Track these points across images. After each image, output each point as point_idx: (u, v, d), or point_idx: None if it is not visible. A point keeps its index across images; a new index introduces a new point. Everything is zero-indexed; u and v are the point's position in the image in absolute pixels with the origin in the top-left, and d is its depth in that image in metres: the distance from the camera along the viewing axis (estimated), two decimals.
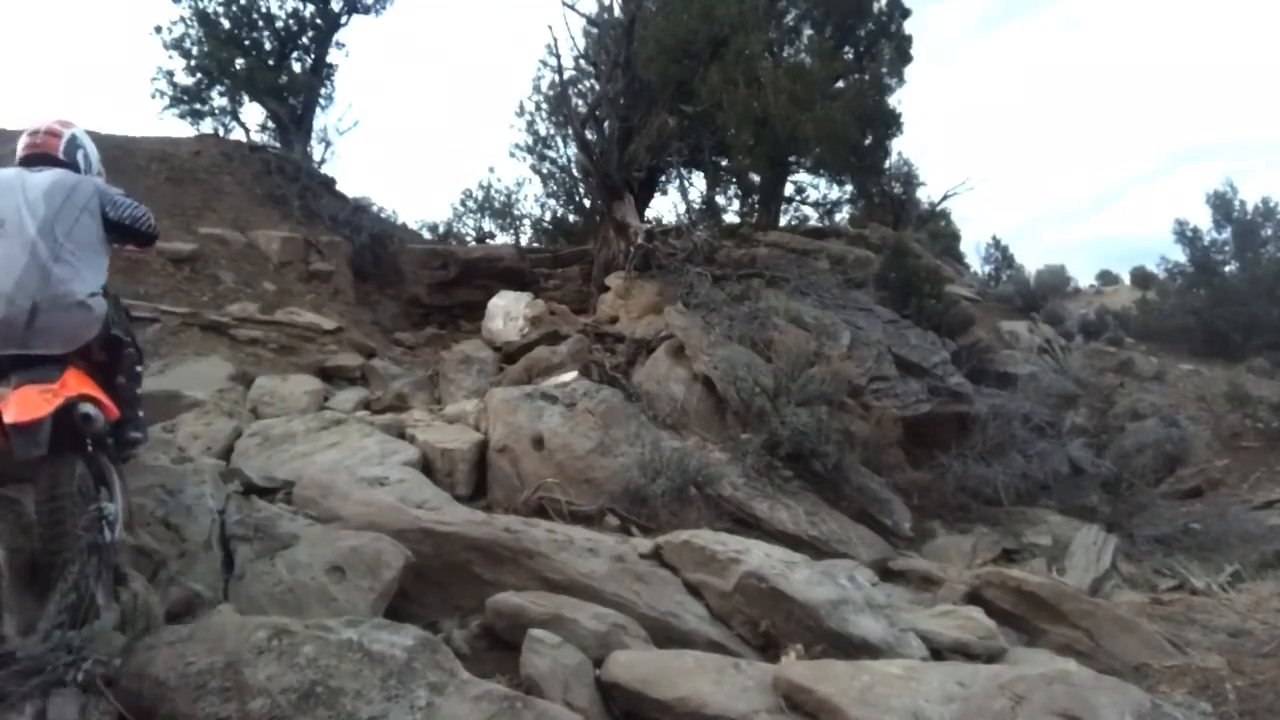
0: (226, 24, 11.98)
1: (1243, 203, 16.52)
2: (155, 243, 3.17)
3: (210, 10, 11.92)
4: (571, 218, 15.08)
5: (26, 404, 2.10)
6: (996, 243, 19.39)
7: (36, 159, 2.68)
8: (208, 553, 2.98)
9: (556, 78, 11.53)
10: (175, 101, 12.02)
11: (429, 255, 11.24)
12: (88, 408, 2.30)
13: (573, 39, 18.13)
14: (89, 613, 2.04)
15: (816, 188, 13.49)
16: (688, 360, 6.62)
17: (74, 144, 2.79)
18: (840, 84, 10.42)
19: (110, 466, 2.62)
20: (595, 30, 10.94)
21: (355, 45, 41.95)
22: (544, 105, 14.30)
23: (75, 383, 2.30)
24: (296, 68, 12.59)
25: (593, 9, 10.58)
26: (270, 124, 12.65)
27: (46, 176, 2.54)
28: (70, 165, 2.72)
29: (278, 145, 12.37)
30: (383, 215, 13.63)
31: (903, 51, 12.40)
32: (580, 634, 2.78)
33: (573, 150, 12.90)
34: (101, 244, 2.62)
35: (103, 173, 2.99)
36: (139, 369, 2.93)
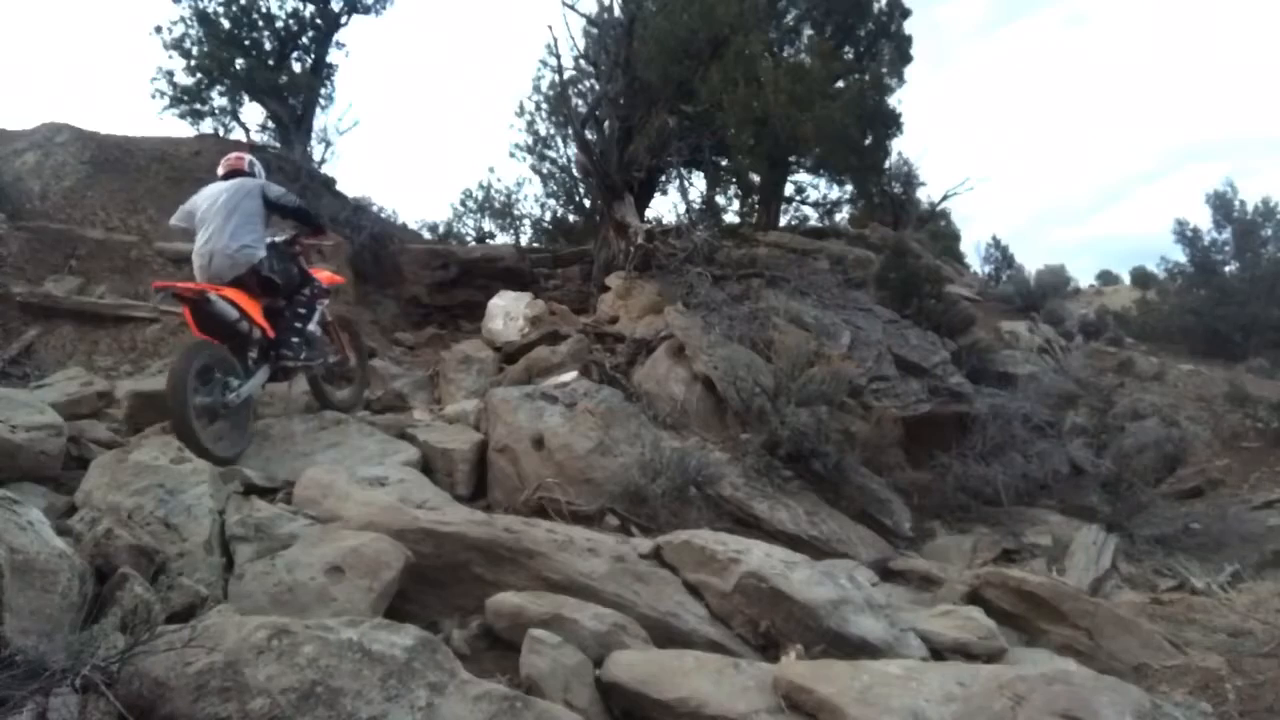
0: (226, 24, 11.94)
1: (1243, 203, 16.53)
2: (325, 231, 5.50)
3: (210, 10, 11.88)
4: (571, 218, 15.08)
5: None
6: (996, 243, 19.28)
7: (231, 174, 4.91)
8: (208, 553, 2.98)
9: (556, 78, 11.57)
10: (175, 101, 12.00)
11: (429, 255, 11.21)
12: (213, 296, 4.21)
13: (573, 39, 18.19)
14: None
15: (816, 188, 13.52)
16: (688, 360, 6.62)
17: (251, 164, 5.02)
18: (840, 84, 10.42)
19: (262, 366, 4.56)
20: (595, 30, 10.92)
21: (355, 45, 41.87)
22: (544, 105, 14.33)
23: (222, 292, 4.30)
24: (296, 68, 12.55)
25: (593, 9, 10.55)
26: (270, 124, 12.62)
27: (234, 182, 4.77)
28: (249, 174, 4.93)
29: (278, 145, 12.34)
30: (383, 215, 13.59)
31: (903, 51, 12.42)
32: (580, 634, 2.77)
33: (573, 150, 12.92)
34: (260, 215, 4.69)
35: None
36: (301, 310, 4.93)
